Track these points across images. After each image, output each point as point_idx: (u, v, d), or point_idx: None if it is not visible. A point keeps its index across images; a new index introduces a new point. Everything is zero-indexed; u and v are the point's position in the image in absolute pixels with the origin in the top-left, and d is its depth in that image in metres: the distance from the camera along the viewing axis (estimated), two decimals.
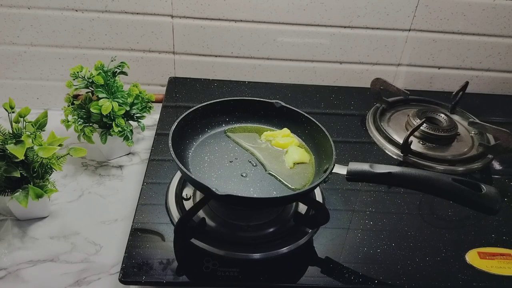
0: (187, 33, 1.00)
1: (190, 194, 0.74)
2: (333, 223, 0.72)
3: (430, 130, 0.90)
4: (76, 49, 1.00)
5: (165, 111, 0.95)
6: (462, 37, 1.04)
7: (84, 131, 0.84)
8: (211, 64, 1.05)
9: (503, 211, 0.78)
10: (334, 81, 1.10)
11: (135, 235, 0.67)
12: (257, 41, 1.02)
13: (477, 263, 0.68)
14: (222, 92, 1.03)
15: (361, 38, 1.03)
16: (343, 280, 0.64)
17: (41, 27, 0.96)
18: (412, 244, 0.70)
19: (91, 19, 0.96)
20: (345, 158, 0.86)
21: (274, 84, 1.07)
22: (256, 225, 0.70)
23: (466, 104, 1.01)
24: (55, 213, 0.79)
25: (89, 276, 0.69)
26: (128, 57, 1.01)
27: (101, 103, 0.81)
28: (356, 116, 1.00)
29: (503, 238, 0.72)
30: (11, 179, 0.71)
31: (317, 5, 0.97)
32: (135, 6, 0.95)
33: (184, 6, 0.96)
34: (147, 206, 0.72)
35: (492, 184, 0.85)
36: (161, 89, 1.06)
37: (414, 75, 1.10)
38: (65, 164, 0.76)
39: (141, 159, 0.93)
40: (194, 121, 0.75)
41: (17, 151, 0.67)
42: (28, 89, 1.04)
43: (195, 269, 0.63)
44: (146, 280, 0.61)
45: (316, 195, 0.76)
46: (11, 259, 0.70)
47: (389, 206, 0.77)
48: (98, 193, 0.84)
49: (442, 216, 0.77)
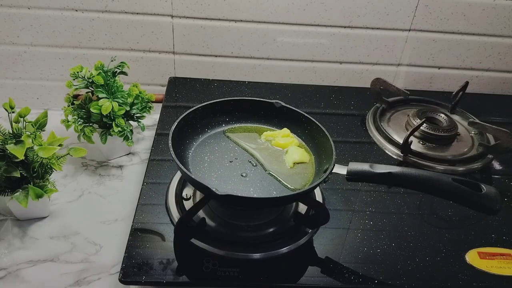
0: (187, 33, 1.00)
1: (190, 194, 0.74)
2: (333, 223, 0.72)
3: (430, 130, 0.90)
4: (76, 49, 1.00)
5: (165, 111, 0.95)
6: (462, 37, 1.04)
7: (84, 131, 0.84)
8: (211, 64, 1.05)
9: (503, 211, 0.78)
10: (334, 81, 1.10)
11: (135, 235, 0.67)
12: (257, 41, 1.02)
13: (477, 263, 0.68)
14: (222, 92, 1.02)
15: (361, 38, 1.03)
16: (343, 280, 0.64)
17: (41, 27, 0.96)
18: (412, 244, 0.70)
19: (91, 19, 0.96)
20: (345, 158, 0.86)
21: (274, 84, 1.07)
22: (256, 225, 0.70)
23: (466, 104, 1.01)
24: (55, 213, 0.79)
25: (89, 276, 0.69)
26: (128, 57, 1.01)
27: (101, 103, 0.81)
28: (356, 116, 1.00)
29: (503, 238, 0.72)
30: (11, 179, 0.71)
31: (317, 5, 0.97)
32: (135, 6, 0.95)
33: (184, 6, 0.96)
34: (147, 206, 0.72)
35: (492, 184, 0.85)
36: (161, 89, 1.06)
37: (414, 75, 1.10)
38: (65, 164, 0.76)
39: (141, 159, 0.93)
40: (194, 121, 0.75)
41: (17, 151, 0.67)
42: (28, 89, 1.04)
43: (195, 269, 0.63)
44: (146, 280, 0.61)
45: (316, 195, 0.76)
46: (11, 259, 0.70)
47: (389, 206, 0.77)
48: (98, 193, 0.84)
49: (442, 216, 0.77)
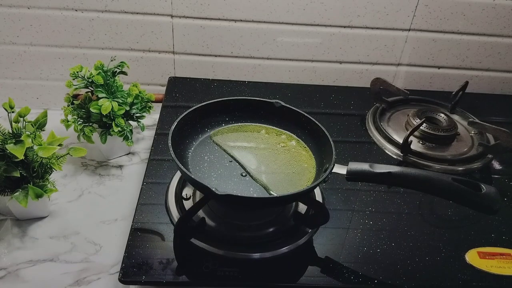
0: (187, 33, 1.00)
1: (190, 194, 0.74)
2: (333, 223, 0.72)
3: (430, 130, 0.90)
4: (75, 48, 1.00)
5: (165, 111, 0.95)
6: (462, 37, 1.04)
7: (83, 131, 0.84)
8: (211, 64, 1.05)
9: (503, 211, 0.78)
10: (334, 81, 1.10)
11: (135, 235, 0.67)
12: (257, 41, 1.02)
13: (477, 263, 0.68)
14: (222, 92, 1.02)
15: (360, 38, 1.03)
16: (343, 280, 0.64)
17: (41, 27, 0.96)
18: (412, 244, 0.70)
19: (90, 19, 0.96)
20: (345, 158, 0.86)
21: (274, 84, 1.07)
22: (256, 225, 0.70)
23: (466, 104, 1.01)
24: (55, 213, 0.79)
25: (89, 276, 0.69)
26: (128, 56, 1.01)
27: (101, 103, 0.81)
28: (356, 116, 1.00)
29: (502, 238, 0.72)
30: (10, 179, 0.71)
31: (317, 5, 0.97)
32: (135, 6, 0.95)
33: (184, 6, 0.96)
34: (147, 206, 0.72)
35: (492, 184, 0.85)
36: (161, 89, 1.06)
37: (414, 75, 1.10)
38: (65, 164, 0.76)
39: (141, 159, 0.93)
40: (194, 121, 0.75)
41: (17, 151, 0.67)
42: (27, 89, 1.04)
43: (195, 269, 0.63)
44: (146, 280, 0.61)
45: (316, 195, 0.76)
46: (11, 259, 0.70)
47: (389, 206, 0.77)
48: (98, 193, 0.84)
49: (442, 216, 0.77)
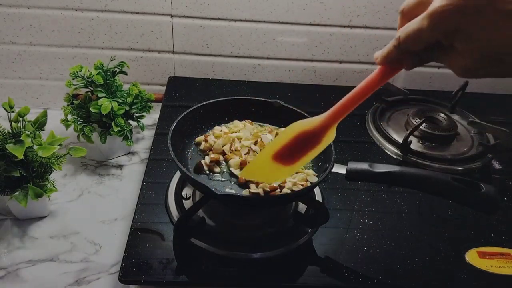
0: (187, 32, 1.00)
1: (190, 194, 0.74)
2: (333, 223, 0.72)
3: (430, 129, 0.90)
4: (75, 48, 1.00)
5: (164, 110, 0.95)
6: None
7: (83, 131, 0.84)
8: (210, 63, 1.05)
9: (503, 210, 0.78)
10: (333, 80, 1.09)
11: (135, 234, 0.67)
12: (257, 40, 1.02)
13: (477, 263, 0.68)
14: (222, 91, 1.02)
15: (360, 38, 1.03)
16: (343, 280, 0.64)
17: (41, 27, 0.96)
18: (412, 244, 0.70)
19: (90, 19, 0.96)
20: (344, 157, 0.86)
21: (274, 84, 1.07)
22: (256, 224, 0.70)
23: (466, 103, 1.01)
24: (55, 212, 0.79)
25: (88, 276, 0.69)
26: (127, 56, 1.01)
27: (101, 103, 0.81)
28: (355, 116, 0.99)
29: (502, 238, 0.72)
30: (10, 179, 0.71)
31: (317, 4, 0.97)
32: (134, 5, 0.95)
33: (184, 6, 0.96)
34: (146, 206, 0.72)
35: (491, 183, 0.84)
36: (160, 89, 1.06)
37: (413, 75, 1.10)
38: (65, 164, 0.76)
39: (140, 159, 0.93)
40: (194, 120, 0.75)
41: (17, 151, 0.67)
42: (27, 89, 1.04)
43: (195, 269, 0.63)
44: (146, 279, 0.61)
45: (315, 194, 0.76)
46: (10, 259, 0.70)
47: (389, 205, 0.77)
48: (98, 192, 0.84)
49: (442, 215, 0.77)
